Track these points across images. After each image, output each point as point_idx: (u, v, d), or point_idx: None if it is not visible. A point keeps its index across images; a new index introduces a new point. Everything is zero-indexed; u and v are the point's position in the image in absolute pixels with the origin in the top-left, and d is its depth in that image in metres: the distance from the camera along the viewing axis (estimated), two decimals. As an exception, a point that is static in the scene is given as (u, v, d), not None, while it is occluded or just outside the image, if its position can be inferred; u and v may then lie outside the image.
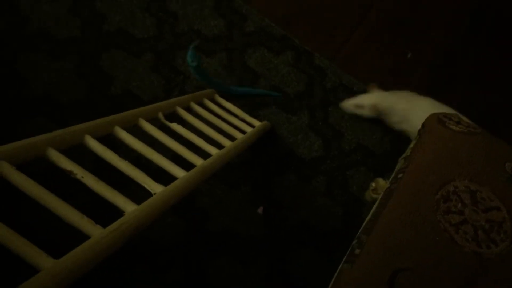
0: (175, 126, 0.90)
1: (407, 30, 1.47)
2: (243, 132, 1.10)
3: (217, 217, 1.15)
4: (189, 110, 1.05)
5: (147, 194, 0.65)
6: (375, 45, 1.44)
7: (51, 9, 1.35)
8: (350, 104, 1.29)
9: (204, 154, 0.87)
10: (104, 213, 0.57)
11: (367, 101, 1.26)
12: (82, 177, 0.60)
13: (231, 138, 1.02)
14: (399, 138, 1.30)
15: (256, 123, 1.20)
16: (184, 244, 1.11)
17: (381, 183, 1.15)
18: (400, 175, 0.81)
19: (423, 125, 0.88)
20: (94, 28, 1.35)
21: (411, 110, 1.22)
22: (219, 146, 0.94)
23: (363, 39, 1.45)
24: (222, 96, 1.24)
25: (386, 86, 1.38)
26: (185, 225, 1.13)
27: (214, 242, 1.13)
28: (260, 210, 1.17)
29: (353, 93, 1.33)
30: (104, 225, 0.53)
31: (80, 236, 0.51)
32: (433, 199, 0.75)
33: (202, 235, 1.13)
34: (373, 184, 1.16)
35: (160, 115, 0.90)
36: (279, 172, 1.24)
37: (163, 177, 0.70)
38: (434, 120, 0.85)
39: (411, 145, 0.93)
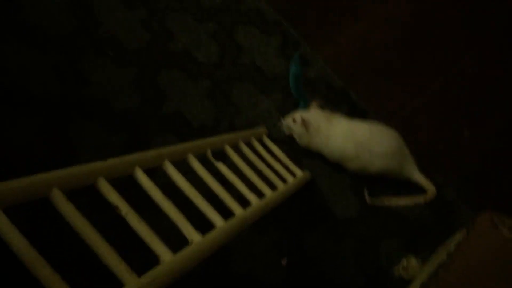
0: (220, 166, 0.90)
1: (470, 108, 1.43)
2: (284, 180, 1.09)
3: (240, 259, 1.13)
4: (236, 148, 1.05)
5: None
6: (434, 115, 1.41)
7: (124, 18, 1.38)
8: (287, 117, 1.27)
9: (243, 199, 0.86)
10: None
11: (299, 116, 1.23)
12: (126, 214, 0.59)
13: (271, 185, 1.01)
14: (441, 215, 1.25)
15: (298, 172, 1.18)
16: (206, 279, 1.09)
17: (413, 264, 1.10)
18: (440, 270, 0.77)
19: (473, 223, 0.84)
20: (160, 44, 1.37)
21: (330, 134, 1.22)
22: (259, 192, 0.93)
23: (422, 106, 1.42)
24: (269, 137, 1.24)
25: (438, 158, 1.34)
26: (207, 261, 1.11)
27: (234, 282, 1.10)
28: (283, 261, 1.14)
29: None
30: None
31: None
32: (473, 308, 0.71)
33: (223, 273, 1.11)
34: (405, 262, 1.12)
35: (209, 153, 0.90)
36: (310, 225, 1.21)
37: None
38: (487, 221, 0.81)
39: (456, 240, 0.88)
